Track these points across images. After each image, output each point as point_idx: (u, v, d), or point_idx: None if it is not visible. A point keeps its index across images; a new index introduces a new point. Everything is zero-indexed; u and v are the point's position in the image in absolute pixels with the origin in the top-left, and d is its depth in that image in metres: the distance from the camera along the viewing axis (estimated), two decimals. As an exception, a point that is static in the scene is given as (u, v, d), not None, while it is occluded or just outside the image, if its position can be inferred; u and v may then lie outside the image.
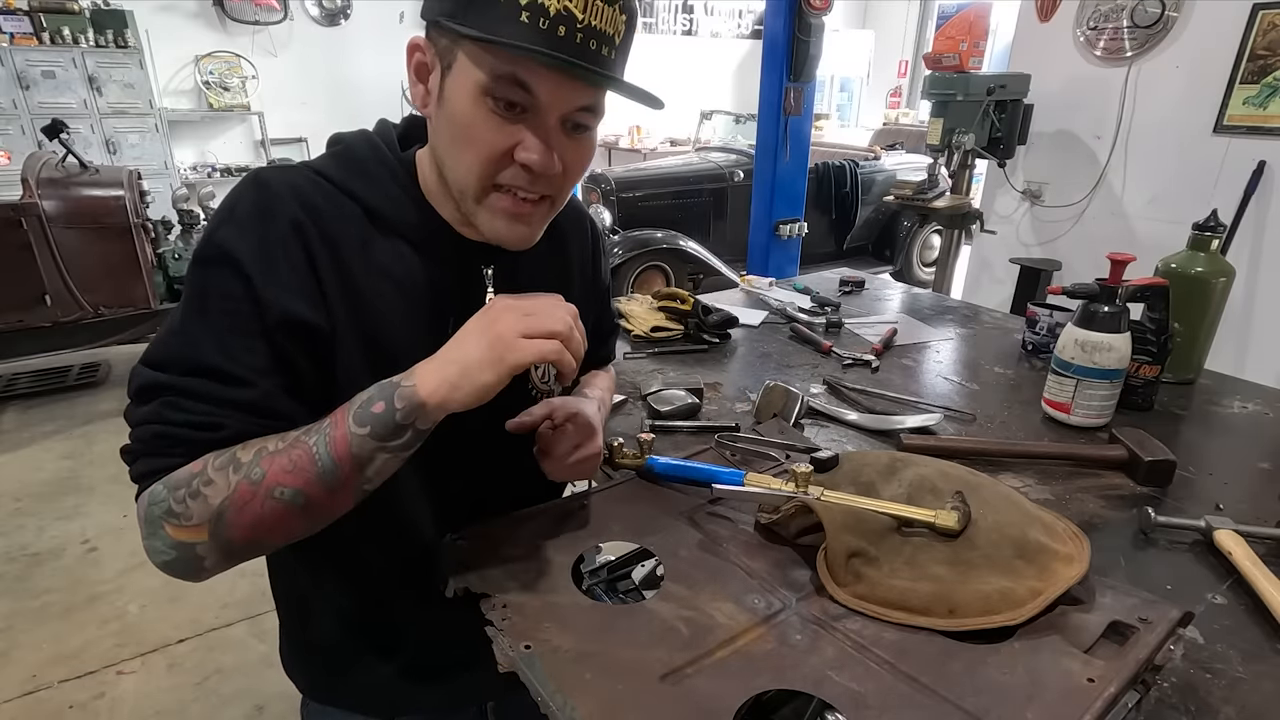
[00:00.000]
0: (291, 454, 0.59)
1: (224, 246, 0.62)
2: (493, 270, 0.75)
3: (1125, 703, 0.54)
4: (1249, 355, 2.90)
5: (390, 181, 0.71)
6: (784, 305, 1.72)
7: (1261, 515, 0.89)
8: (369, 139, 0.73)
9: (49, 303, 3.31)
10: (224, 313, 0.62)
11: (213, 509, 0.58)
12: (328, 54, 6.12)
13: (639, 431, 0.92)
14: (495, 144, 0.64)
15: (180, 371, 0.60)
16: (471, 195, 0.67)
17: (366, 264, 0.68)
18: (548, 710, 0.52)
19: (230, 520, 0.58)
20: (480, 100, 0.62)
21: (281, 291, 0.63)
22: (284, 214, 0.65)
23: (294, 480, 0.58)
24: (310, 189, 0.67)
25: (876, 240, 5.75)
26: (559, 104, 0.63)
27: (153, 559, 0.61)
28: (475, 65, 0.61)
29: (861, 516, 0.70)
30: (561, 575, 0.68)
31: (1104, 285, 1.13)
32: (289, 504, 0.59)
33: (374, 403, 0.59)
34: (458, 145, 0.65)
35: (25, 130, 4.72)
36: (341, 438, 0.59)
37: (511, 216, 0.68)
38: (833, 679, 0.55)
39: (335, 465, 0.59)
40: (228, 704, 1.93)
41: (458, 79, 0.63)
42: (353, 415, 0.59)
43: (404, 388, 0.59)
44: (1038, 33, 3.33)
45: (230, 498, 0.58)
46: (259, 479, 0.58)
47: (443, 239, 0.72)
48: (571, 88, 0.63)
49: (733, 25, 8.08)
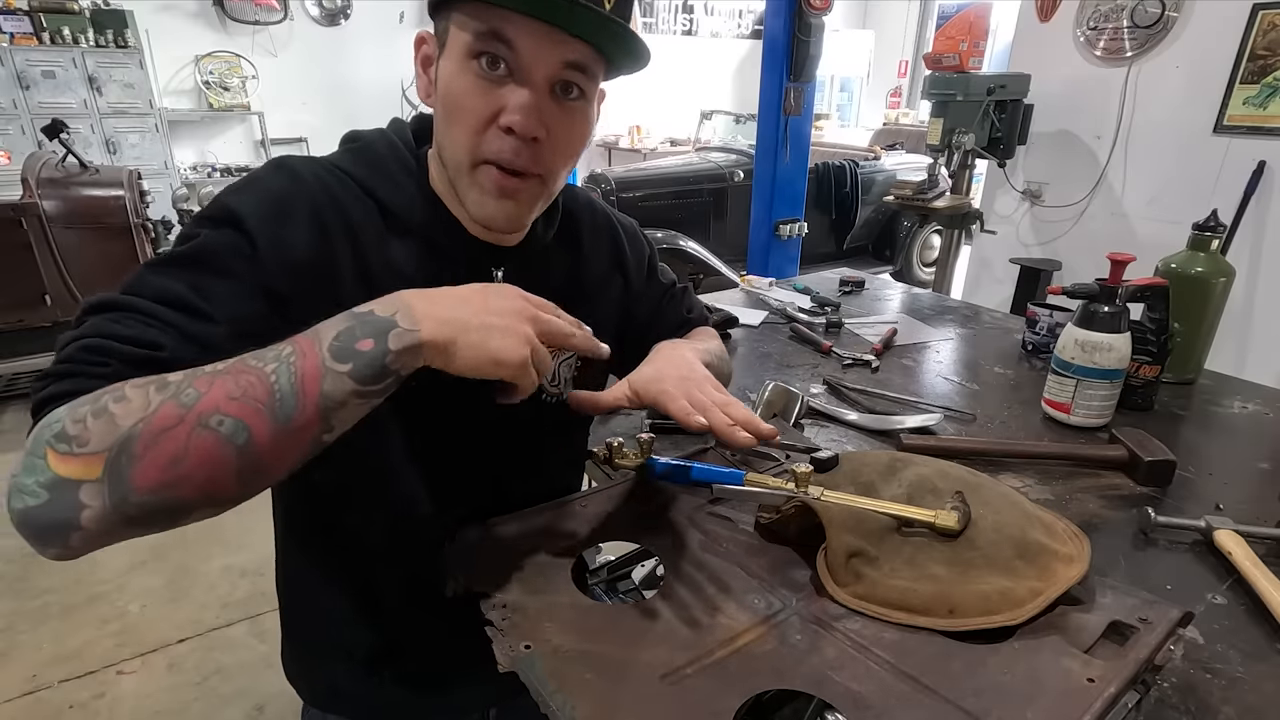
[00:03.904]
0: (240, 378, 0.46)
1: (233, 208, 0.59)
2: (503, 273, 0.74)
3: (1125, 703, 0.54)
4: (1249, 355, 2.90)
5: (408, 181, 0.70)
6: (784, 305, 1.72)
7: (1261, 515, 0.89)
8: (387, 137, 0.72)
9: (49, 303, 3.31)
10: (211, 259, 0.56)
11: (120, 433, 0.44)
12: (328, 54, 6.12)
13: (639, 431, 0.92)
14: (479, 110, 0.62)
15: (136, 294, 0.53)
16: (464, 171, 0.65)
17: (382, 260, 0.68)
18: (548, 710, 0.52)
19: (139, 451, 0.44)
20: (466, 66, 0.61)
21: (285, 251, 0.59)
22: (304, 199, 0.63)
23: (238, 410, 0.45)
24: (334, 182, 0.67)
25: (876, 240, 5.74)
26: (543, 60, 0.61)
27: (12, 505, 0.45)
28: (462, 29, 0.61)
29: (861, 516, 0.70)
30: (561, 575, 0.68)
31: (1104, 285, 1.13)
32: (225, 440, 0.45)
33: (358, 338, 0.49)
34: (448, 121, 0.64)
35: (25, 130, 4.71)
36: (312, 371, 0.48)
37: (499, 192, 0.65)
38: (833, 679, 0.55)
39: (298, 403, 0.47)
40: (228, 704, 1.93)
41: (448, 54, 0.63)
42: (329, 348, 0.49)
43: (404, 330, 0.51)
44: (1038, 33, 3.33)
45: (147, 419, 0.44)
46: (191, 401, 0.45)
47: (454, 239, 0.72)
48: (555, 40, 0.60)
49: (733, 25, 8.07)
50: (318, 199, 0.64)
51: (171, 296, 0.53)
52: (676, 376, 0.72)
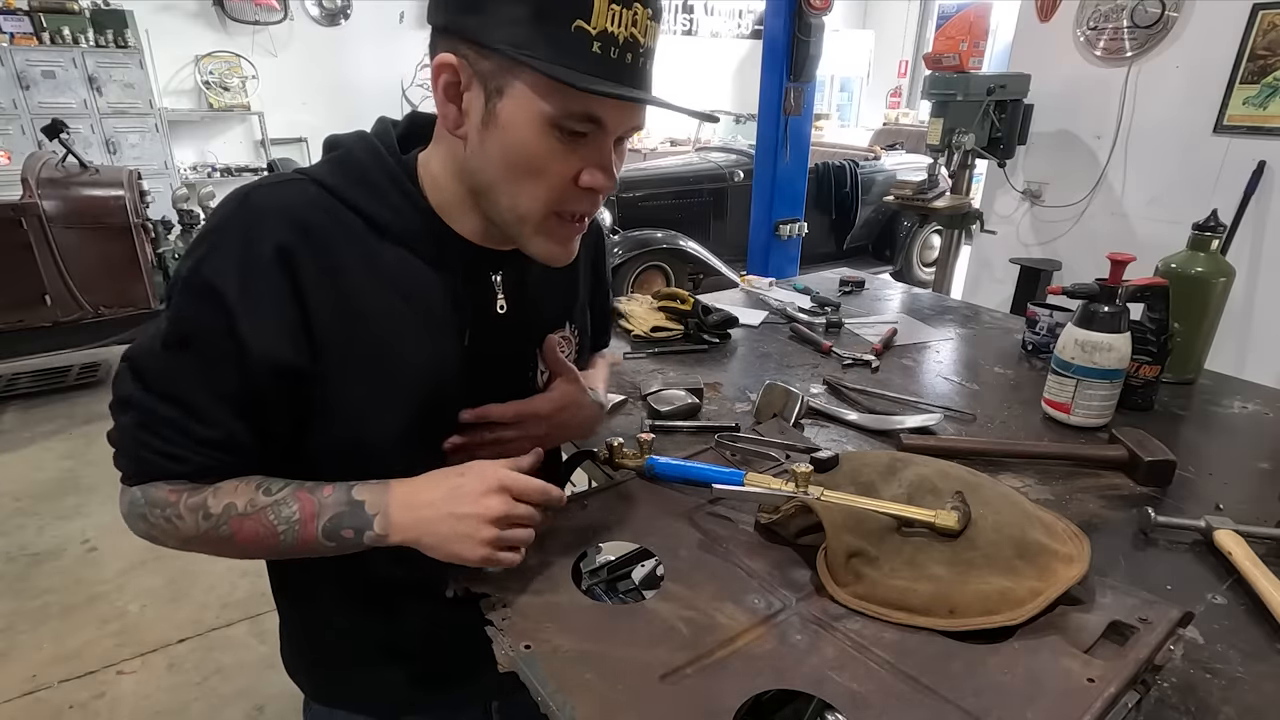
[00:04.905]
0: (259, 529, 0.65)
1: (209, 279, 0.62)
2: (501, 277, 0.74)
3: (1125, 703, 0.54)
4: (1249, 355, 2.90)
5: (392, 189, 0.68)
6: (784, 305, 1.72)
7: (1261, 515, 0.89)
8: (368, 143, 0.70)
9: (49, 303, 3.31)
10: (204, 348, 0.63)
11: (181, 538, 0.66)
12: (328, 54, 6.12)
13: (639, 431, 0.92)
14: (564, 173, 0.64)
15: (156, 394, 0.64)
16: (532, 223, 0.66)
17: (370, 279, 0.67)
18: (548, 710, 0.52)
19: (196, 550, 0.68)
20: (548, 132, 0.61)
21: (263, 332, 0.63)
22: (269, 240, 0.63)
23: (257, 550, 0.67)
24: (304, 206, 0.65)
25: (876, 240, 5.74)
26: (621, 129, 0.64)
27: (131, 524, 0.69)
28: (543, 98, 0.59)
29: (861, 516, 0.70)
30: (561, 575, 0.68)
31: (1104, 285, 1.13)
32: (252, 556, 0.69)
33: (344, 526, 0.65)
34: (518, 175, 0.63)
35: (25, 130, 4.72)
36: (309, 537, 0.65)
37: (566, 239, 0.69)
38: (833, 679, 0.55)
39: (298, 549, 0.66)
40: (228, 704, 1.93)
41: (519, 108, 0.60)
42: (322, 529, 0.65)
43: (376, 534, 0.65)
44: (1038, 33, 3.33)
45: (198, 538, 0.66)
46: (226, 536, 0.65)
47: (449, 246, 0.71)
48: (635, 113, 0.64)
49: (733, 25, 8.07)
50: (282, 241, 0.63)
51: (179, 399, 0.64)
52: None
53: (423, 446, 0.72)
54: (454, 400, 0.73)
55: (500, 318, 0.75)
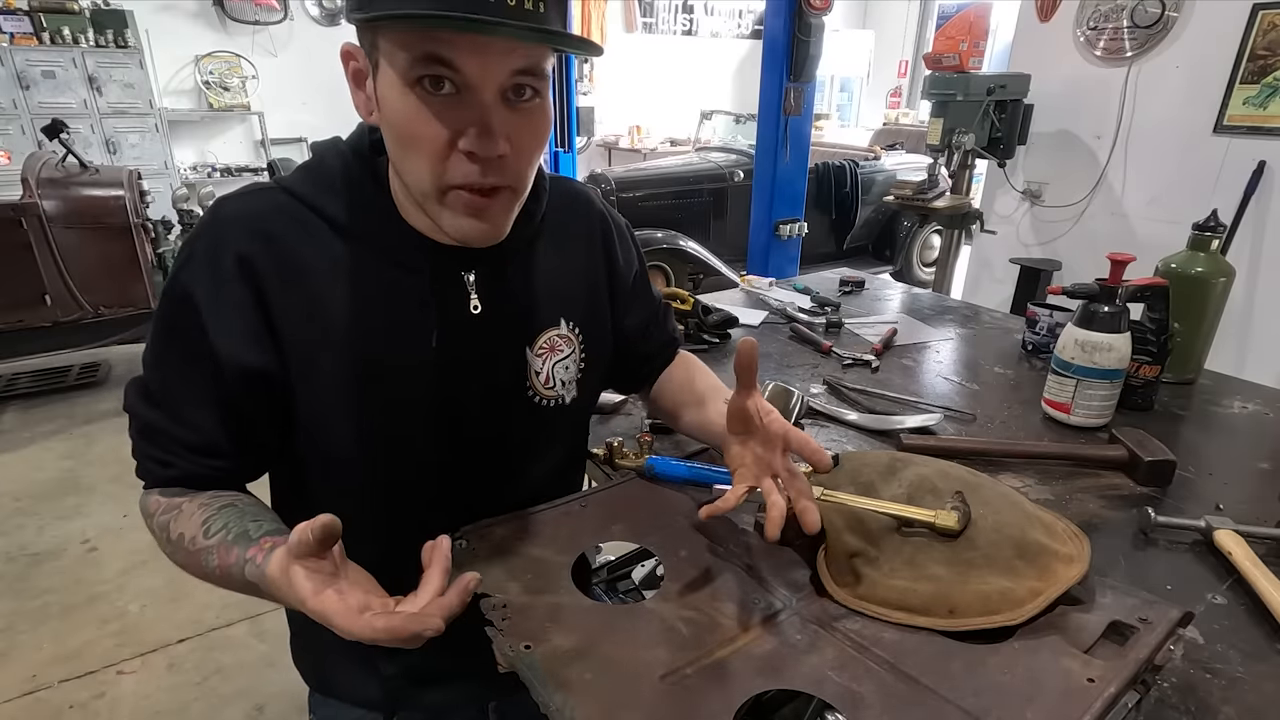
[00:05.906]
0: (197, 567, 0.64)
1: (186, 288, 0.65)
2: (475, 276, 0.72)
3: (1125, 703, 0.54)
4: (1249, 355, 2.90)
5: (359, 195, 0.68)
6: (784, 305, 1.72)
7: (1261, 515, 0.89)
8: (340, 150, 0.70)
9: (49, 303, 3.31)
10: (184, 354, 0.66)
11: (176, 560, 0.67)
12: (328, 54, 6.04)
13: (639, 432, 0.92)
14: (435, 137, 0.59)
15: (148, 401, 0.67)
16: (432, 198, 0.63)
17: (335, 284, 0.67)
18: (547, 710, 0.52)
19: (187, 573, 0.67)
20: (408, 92, 0.58)
21: (231, 341, 0.64)
22: (230, 249, 0.64)
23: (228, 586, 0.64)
24: (270, 214, 0.66)
25: (876, 240, 5.74)
26: (491, 75, 0.58)
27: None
28: (395, 52, 0.57)
29: (861, 516, 0.70)
30: (561, 575, 0.68)
31: (1104, 285, 1.13)
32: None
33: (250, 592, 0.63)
34: (403, 148, 0.62)
35: (25, 130, 4.71)
36: (232, 588, 0.64)
37: (473, 213, 0.63)
38: (833, 679, 0.55)
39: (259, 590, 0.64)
40: (228, 704, 1.93)
41: (384, 76, 0.59)
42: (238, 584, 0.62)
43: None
44: (1038, 33, 3.33)
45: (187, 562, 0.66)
46: (210, 567, 0.63)
47: (418, 249, 0.69)
48: (499, 51, 0.57)
49: (733, 25, 8.07)
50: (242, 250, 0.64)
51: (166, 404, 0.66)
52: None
53: (390, 453, 0.72)
54: (424, 405, 0.72)
55: (474, 318, 0.72)
